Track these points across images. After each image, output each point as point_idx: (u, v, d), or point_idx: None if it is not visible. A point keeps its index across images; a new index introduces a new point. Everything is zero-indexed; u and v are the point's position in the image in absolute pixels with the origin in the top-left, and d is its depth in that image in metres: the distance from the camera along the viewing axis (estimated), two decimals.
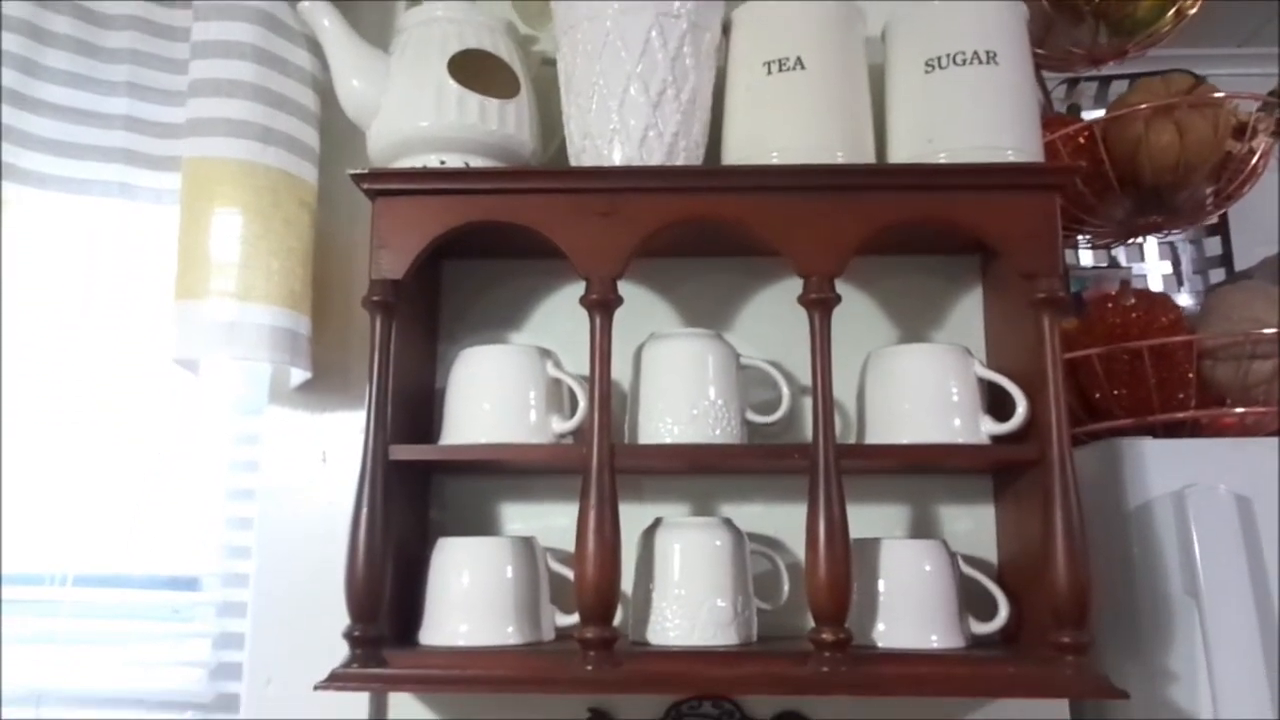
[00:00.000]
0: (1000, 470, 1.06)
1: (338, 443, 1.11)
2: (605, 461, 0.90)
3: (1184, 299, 1.68)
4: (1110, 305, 1.20)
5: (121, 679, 1.12)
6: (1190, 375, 1.13)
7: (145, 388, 1.18)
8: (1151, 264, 1.81)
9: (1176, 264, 1.84)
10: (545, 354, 1.01)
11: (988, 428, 0.96)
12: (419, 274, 0.98)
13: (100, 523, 1.16)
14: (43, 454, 1.16)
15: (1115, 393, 1.16)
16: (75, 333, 1.16)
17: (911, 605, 0.94)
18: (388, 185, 0.97)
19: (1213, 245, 1.83)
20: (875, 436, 0.99)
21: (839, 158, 0.98)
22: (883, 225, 0.94)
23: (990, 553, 1.06)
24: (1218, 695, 0.93)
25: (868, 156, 1.01)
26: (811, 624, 0.87)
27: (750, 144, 1.01)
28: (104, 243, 1.13)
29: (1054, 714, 1.03)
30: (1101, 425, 1.15)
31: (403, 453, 0.94)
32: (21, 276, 1.12)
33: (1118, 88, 1.50)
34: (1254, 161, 1.22)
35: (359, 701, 1.04)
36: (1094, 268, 1.70)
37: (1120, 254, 1.77)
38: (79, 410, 1.15)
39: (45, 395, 1.17)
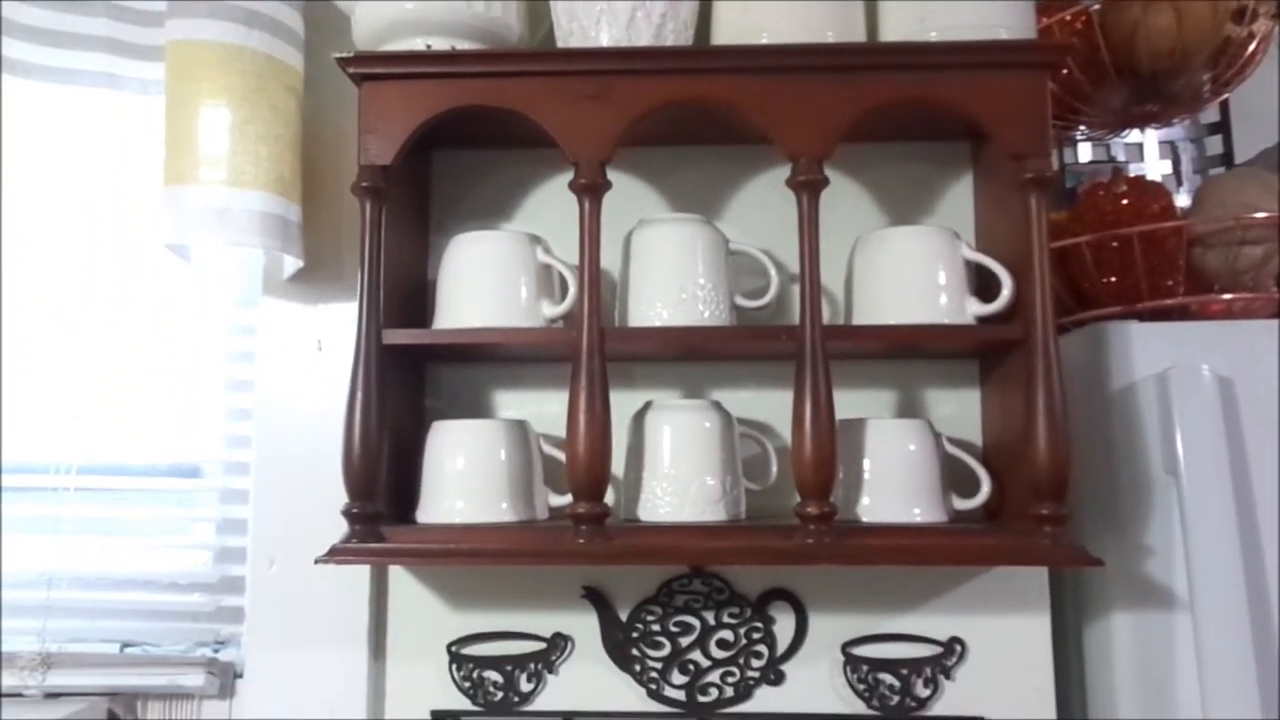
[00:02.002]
0: (986, 353, 1.07)
1: (332, 331, 1.12)
2: (595, 343, 0.91)
3: (1183, 199, 1.66)
4: (1102, 193, 1.20)
5: (130, 563, 1.15)
6: (1180, 262, 1.13)
7: (143, 282, 1.19)
8: (1151, 163, 1.78)
9: (1176, 163, 1.81)
10: (535, 240, 1.01)
11: (974, 309, 0.97)
12: (409, 164, 0.98)
13: (101, 415, 1.18)
14: (44, 347, 1.18)
15: (1105, 280, 1.16)
16: (73, 226, 1.17)
17: (895, 481, 0.96)
18: (374, 69, 0.96)
19: (1214, 144, 1.80)
20: (862, 319, 1.00)
21: (829, 37, 0.97)
22: (872, 106, 0.93)
23: (975, 435, 1.08)
24: (1192, 568, 0.96)
25: (859, 36, 1.00)
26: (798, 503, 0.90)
27: (739, 24, 0.99)
28: (96, 133, 1.12)
29: (1033, 586, 1.06)
30: (1090, 314, 1.15)
31: (396, 337, 0.95)
32: (18, 168, 1.12)
33: None
34: (1253, 47, 1.20)
35: (360, 581, 1.08)
36: (1091, 163, 1.68)
37: (1119, 152, 1.75)
38: (79, 304, 1.17)
39: (45, 289, 1.18)
